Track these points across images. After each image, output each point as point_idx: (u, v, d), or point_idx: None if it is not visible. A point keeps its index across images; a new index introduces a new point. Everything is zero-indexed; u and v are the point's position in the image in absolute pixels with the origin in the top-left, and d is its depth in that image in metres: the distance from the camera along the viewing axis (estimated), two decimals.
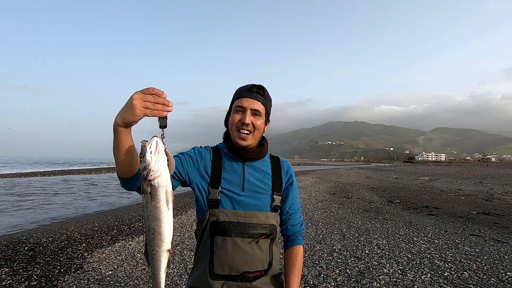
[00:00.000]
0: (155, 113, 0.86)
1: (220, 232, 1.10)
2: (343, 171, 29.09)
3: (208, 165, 1.18)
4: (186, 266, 3.15)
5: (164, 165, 0.85)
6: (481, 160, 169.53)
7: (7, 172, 22.71)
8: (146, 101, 0.84)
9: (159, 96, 0.85)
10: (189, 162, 1.16)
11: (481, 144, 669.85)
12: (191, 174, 1.15)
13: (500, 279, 2.86)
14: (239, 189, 1.15)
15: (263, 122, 1.18)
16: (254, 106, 1.14)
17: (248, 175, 1.18)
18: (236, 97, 1.18)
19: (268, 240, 1.14)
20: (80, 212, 7.32)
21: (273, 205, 1.18)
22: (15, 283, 2.74)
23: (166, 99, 0.85)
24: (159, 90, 0.86)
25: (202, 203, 1.15)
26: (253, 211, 1.13)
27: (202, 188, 1.15)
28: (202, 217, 1.14)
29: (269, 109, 1.21)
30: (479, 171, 27.44)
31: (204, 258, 1.11)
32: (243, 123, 1.13)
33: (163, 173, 0.85)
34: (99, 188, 12.80)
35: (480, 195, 9.72)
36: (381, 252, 3.64)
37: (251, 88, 1.16)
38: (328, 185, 13.45)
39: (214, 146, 1.28)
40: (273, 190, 1.20)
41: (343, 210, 6.65)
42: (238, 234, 1.10)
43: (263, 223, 1.13)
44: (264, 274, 1.12)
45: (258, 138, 1.20)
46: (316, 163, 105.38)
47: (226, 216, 1.10)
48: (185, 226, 5.04)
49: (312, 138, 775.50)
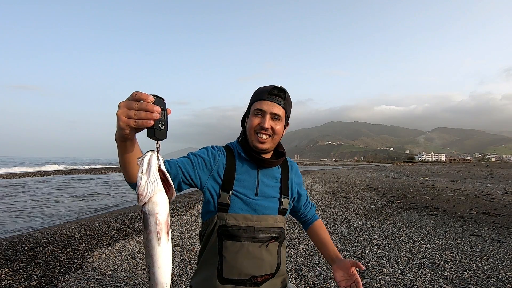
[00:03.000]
0: (139, 123, 0.68)
1: (230, 237, 1.07)
2: (343, 171, 29.08)
3: (221, 168, 1.13)
4: (186, 266, 3.15)
5: (154, 188, 0.67)
6: (481, 160, 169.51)
7: (7, 172, 22.69)
8: (130, 109, 0.68)
9: (144, 101, 0.67)
10: (202, 165, 1.10)
11: (481, 144, 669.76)
12: (203, 178, 1.10)
13: (500, 279, 2.86)
14: (253, 194, 1.13)
15: (283, 126, 1.15)
16: (274, 110, 1.09)
17: (261, 180, 1.16)
18: (256, 99, 1.12)
19: (276, 243, 1.13)
20: (80, 212, 7.31)
21: (281, 208, 1.17)
22: (15, 283, 2.74)
23: (152, 104, 0.67)
24: (142, 94, 0.68)
25: (212, 206, 1.11)
26: (262, 215, 1.12)
27: (214, 191, 1.11)
28: (209, 219, 1.11)
29: (289, 112, 1.17)
30: (479, 171, 27.43)
31: (211, 262, 1.09)
32: (262, 127, 1.09)
33: (154, 198, 0.67)
34: (99, 188, 12.80)
35: (480, 195, 9.71)
36: (381, 252, 3.64)
37: (272, 91, 1.10)
38: (328, 185, 13.45)
39: (226, 145, 1.23)
40: (281, 193, 1.18)
41: (343, 210, 6.65)
42: (248, 239, 1.08)
43: (272, 226, 1.12)
44: (272, 277, 1.12)
45: (277, 143, 1.16)
46: (316, 163, 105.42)
47: (236, 220, 1.08)
48: (185, 226, 5.04)
49: (312, 138, 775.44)
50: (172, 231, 4.66)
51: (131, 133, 0.73)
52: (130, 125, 0.69)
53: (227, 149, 1.19)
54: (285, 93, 1.12)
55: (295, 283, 2.77)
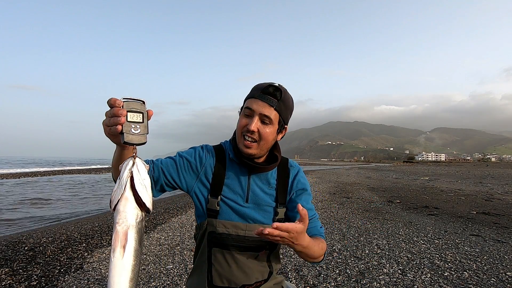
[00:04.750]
0: (111, 130, 0.67)
1: (218, 245, 1.01)
2: (343, 171, 29.08)
3: (209, 171, 1.04)
4: (186, 266, 3.15)
5: (119, 195, 0.63)
6: (481, 160, 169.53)
7: (7, 172, 22.69)
8: (106, 117, 0.68)
9: (112, 106, 0.66)
10: (187, 167, 1.03)
11: (481, 144, 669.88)
12: (189, 182, 1.03)
13: (500, 279, 2.86)
14: (243, 200, 1.03)
15: (273, 131, 0.99)
16: (264, 111, 0.95)
17: (253, 185, 1.05)
18: (248, 97, 1.00)
19: (267, 252, 1.06)
20: (80, 212, 7.31)
21: (277, 218, 1.06)
22: (15, 283, 2.74)
23: (117, 108, 0.65)
24: (111, 99, 0.66)
25: (201, 211, 1.05)
26: (254, 223, 1.03)
27: (202, 195, 1.04)
28: (201, 223, 1.06)
29: (285, 115, 1.00)
30: (479, 171, 27.43)
31: (202, 268, 1.05)
32: (248, 130, 0.96)
33: (117, 206, 0.63)
34: (99, 188, 12.80)
35: (480, 195, 9.71)
36: (381, 252, 3.64)
37: (266, 89, 0.96)
38: (328, 185, 13.44)
39: (217, 144, 1.12)
40: (277, 202, 1.07)
41: (343, 210, 6.65)
42: (237, 248, 1.01)
43: None
44: (265, 282, 1.07)
45: (266, 149, 1.02)
46: (316, 163, 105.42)
47: (225, 228, 1.01)
48: (185, 226, 5.04)
49: (312, 138, 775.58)
50: (172, 231, 4.66)
51: (118, 140, 0.72)
52: (108, 133, 0.69)
53: (218, 149, 1.08)
54: (281, 93, 0.97)
55: (295, 283, 2.77)
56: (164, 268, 3.11)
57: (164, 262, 3.27)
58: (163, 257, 3.45)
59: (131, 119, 0.66)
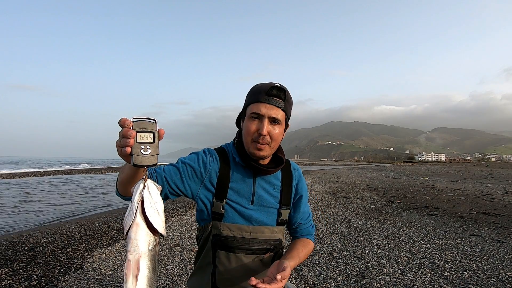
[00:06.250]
0: (122, 152, 0.65)
1: (223, 247, 1.02)
2: (343, 171, 29.08)
3: (214, 176, 1.04)
4: (186, 266, 3.15)
5: (130, 221, 0.60)
6: (481, 160, 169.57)
7: (7, 172, 22.69)
8: (119, 136, 0.65)
9: (122, 126, 0.64)
10: (191, 174, 1.02)
11: (481, 144, 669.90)
12: (194, 188, 1.04)
13: (500, 279, 2.86)
14: (248, 203, 1.05)
15: (282, 130, 1.03)
16: (272, 114, 0.97)
17: (258, 188, 1.07)
18: (252, 101, 0.99)
19: (272, 254, 1.08)
20: (80, 212, 7.32)
21: (280, 219, 1.09)
22: (15, 283, 2.74)
23: (126, 129, 0.63)
24: (121, 119, 0.64)
25: (205, 214, 1.05)
26: (259, 226, 1.05)
27: (207, 199, 1.04)
28: (204, 226, 1.07)
29: (289, 114, 1.04)
30: (479, 171, 27.43)
31: (205, 269, 1.06)
32: (260, 134, 0.98)
33: (129, 232, 0.60)
34: (99, 188, 12.80)
35: (480, 195, 9.71)
36: (381, 252, 3.64)
37: (270, 91, 0.97)
38: (328, 185, 13.44)
39: (219, 147, 1.13)
40: (281, 204, 1.10)
41: (343, 210, 6.65)
42: (242, 250, 1.02)
43: (268, 238, 1.05)
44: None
45: (275, 148, 1.05)
46: (316, 163, 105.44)
47: (230, 230, 1.02)
48: (185, 226, 5.04)
49: (312, 138, 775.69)
50: (172, 231, 4.66)
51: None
52: (119, 153, 0.67)
53: (221, 153, 1.09)
54: (285, 93, 0.99)
55: (295, 283, 2.77)
56: (164, 268, 3.12)
57: (164, 262, 3.28)
58: (163, 257, 3.45)
59: (141, 139, 0.63)
